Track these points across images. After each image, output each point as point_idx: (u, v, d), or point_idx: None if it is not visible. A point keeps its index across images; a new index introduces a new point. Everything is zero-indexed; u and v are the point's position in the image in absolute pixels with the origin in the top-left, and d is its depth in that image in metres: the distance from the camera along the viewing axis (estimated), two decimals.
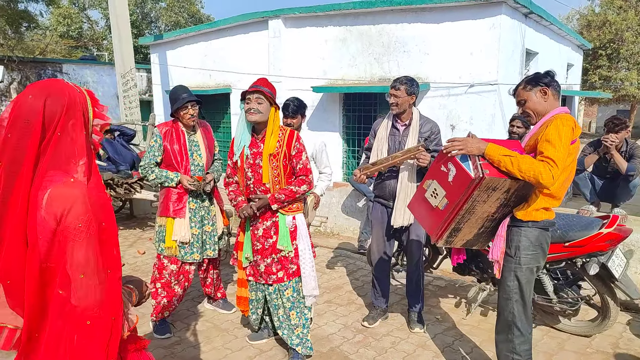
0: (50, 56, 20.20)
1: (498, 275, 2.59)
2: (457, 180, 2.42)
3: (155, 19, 28.73)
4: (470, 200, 2.39)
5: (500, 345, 2.67)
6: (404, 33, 6.71)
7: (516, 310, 2.57)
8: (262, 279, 3.13)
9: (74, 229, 1.23)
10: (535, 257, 2.55)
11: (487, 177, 2.31)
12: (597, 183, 5.42)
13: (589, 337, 3.57)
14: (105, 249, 1.29)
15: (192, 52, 9.20)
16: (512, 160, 2.31)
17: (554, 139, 2.31)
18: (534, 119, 2.57)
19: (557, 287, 3.57)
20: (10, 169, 1.25)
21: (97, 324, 1.26)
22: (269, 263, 3.10)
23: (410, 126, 3.52)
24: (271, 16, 7.72)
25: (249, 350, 3.38)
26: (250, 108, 2.90)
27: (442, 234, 2.57)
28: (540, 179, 2.25)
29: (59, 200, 1.23)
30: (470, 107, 6.28)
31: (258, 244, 3.11)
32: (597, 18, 20.73)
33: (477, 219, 2.52)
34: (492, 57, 6.08)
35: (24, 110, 1.26)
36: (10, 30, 16.23)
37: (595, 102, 24.71)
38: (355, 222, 6.82)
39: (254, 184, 3.04)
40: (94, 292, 1.25)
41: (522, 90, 2.57)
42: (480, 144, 2.42)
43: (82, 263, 1.23)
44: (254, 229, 3.11)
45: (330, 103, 7.48)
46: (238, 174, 3.14)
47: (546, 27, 7.76)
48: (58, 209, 1.22)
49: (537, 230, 2.52)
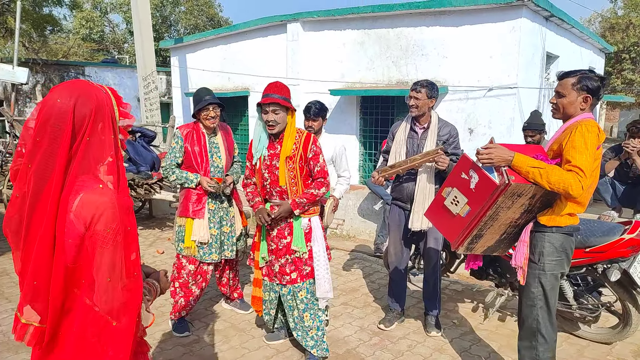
0: (73, 59, 20.64)
1: (522, 282, 2.55)
2: (480, 187, 2.39)
3: (174, 23, 29.13)
4: (494, 207, 2.36)
5: (523, 351, 2.63)
6: (422, 36, 6.70)
7: (541, 317, 2.53)
8: (276, 279, 3.18)
9: (102, 235, 1.25)
10: (560, 263, 2.51)
11: (512, 183, 2.27)
12: (619, 188, 5.33)
13: (609, 344, 3.51)
14: (130, 252, 1.31)
15: (212, 55, 9.31)
16: (540, 172, 2.26)
17: (580, 146, 2.27)
18: (558, 115, 2.52)
19: (577, 293, 3.52)
20: (40, 173, 1.26)
21: (123, 325, 1.29)
22: (282, 263, 3.13)
23: (428, 129, 3.52)
24: (290, 20, 7.78)
25: (266, 350, 3.41)
26: (268, 121, 2.94)
27: (463, 241, 2.55)
28: (570, 191, 2.22)
29: (90, 207, 1.25)
30: (489, 111, 6.23)
31: (272, 244, 3.15)
32: (621, 20, 20.35)
33: (500, 225, 2.49)
34: (511, 60, 6.03)
35: (53, 114, 1.26)
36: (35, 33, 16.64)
37: (617, 106, 24.23)
38: (371, 225, 6.81)
39: (270, 185, 3.08)
40: (119, 296, 1.28)
41: (571, 86, 2.43)
42: (506, 155, 2.35)
43: (109, 268, 1.26)
44: (269, 229, 3.16)
45: (348, 106, 7.50)
46: (256, 176, 3.17)
47: (567, 31, 7.66)
48: (88, 215, 1.25)
49: (561, 236, 2.49)
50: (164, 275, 1.65)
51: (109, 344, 1.29)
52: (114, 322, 1.28)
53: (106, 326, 1.29)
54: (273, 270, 3.19)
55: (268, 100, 2.92)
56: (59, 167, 1.26)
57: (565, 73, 2.50)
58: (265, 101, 2.93)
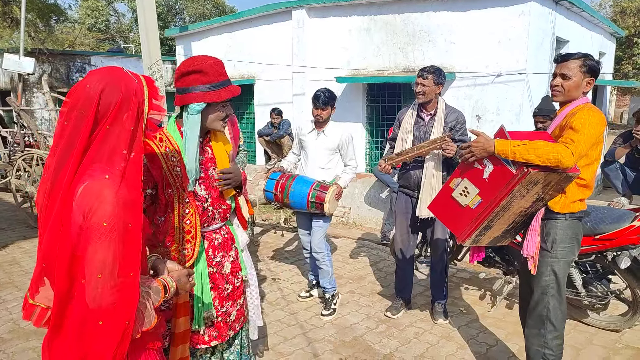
0: (79, 49, 20.64)
1: (534, 271, 2.50)
2: (495, 176, 2.33)
3: (180, 11, 29.00)
4: (509, 197, 2.30)
5: (531, 339, 2.61)
6: (429, 22, 6.60)
7: (551, 305, 2.51)
8: (231, 332, 2.22)
9: (97, 228, 1.20)
10: (572, 249, 2.50)
11: (531, 171, 2.20)
12: (629, 175, 5.26)
13: (618, 332, 3.49)
14: (128, 250, 1.25)
15: (217, 43, 9.26)
16: (527, 148, 2.19)
17: (577, 126, 2.25)
18: (561, 97, 2.46)
19: (586, 280, 3.50)
20: (60, 158, 1.26)
21: (109, 325, 1.23)
22: (241, 304, 2.28)
23: (435, 116, 3.48)
24: (295, 6, 7.69)
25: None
26: (226, 116, 2.05)
27: (471, 233, 2.48)
28: (561, 158, 2.15)
29: (88, 197, 1.21)
30: (497, 97, 6.15)
31: (228, 286, 2.19)
32: (632, 4, 19.96)
33: (511, 215, 2.44)
34: (520, 45, 5.92)
35: (80, 99, 1.25)
36: (40, 23, 16.62)
37: (627, 92, 23.89)
38: (378, 213, 6.79)
39: (212, 204, 2.10)
40: (108, 295, 1.21)
41: (578, 67, 2.39)
42: (485, 145, 2.31)
43: (101, 264, 1.20)
44: (218, 267, 2.14)
45: (354, 93, 7.44)
46: (183, 206, 2.00)
47: (577, 15, 7.51)
48: (86, 205, 1.21)
49: (574, 222, 2.48)
50: (185, 276, 1.55)
51: (95, 341, 1.25)
52: (100, 320, 1.22)
53: (95, 324, 1.24)
54: (228, 323, 2.19)
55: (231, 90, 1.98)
56: (76, 153, 1.24)
57: (567, 55, 2.46)
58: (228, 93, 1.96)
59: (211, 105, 1.93)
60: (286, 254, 5.43)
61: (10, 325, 3.63)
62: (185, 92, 1.91)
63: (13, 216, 7.08)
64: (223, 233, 2.17)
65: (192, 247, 2.01)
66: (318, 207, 3.58)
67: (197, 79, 1.87)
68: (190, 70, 1.89)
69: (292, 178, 3.69)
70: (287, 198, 3.66)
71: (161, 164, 1.93)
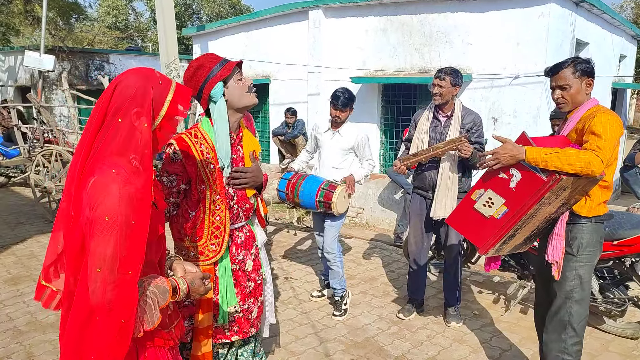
0: (98, 47, 20.94)
1: (557, 277, 2.44)
2: (523, 185, 2.27)
3: (197, 11, 29.24)
4: (538, 204, 2.25)
5: (551, 345, 2.55)
6: (446, 23, 6.55)
7: (574, 310, 2.46)
8: (253, 329, 2.25)
9: (100, 222, 1.20)
10: (596, 252, 2.48)
11: (564, 177, 2.16)
12: None
13: (635, 339, 3.43)
14: (129, 248, 1.24)
15: (233, 43, 9.31)
16: (559, 157, 2.16)
17: (599, 130, 2.22)
18: (568, 107, 2.45)
19: (603, 286, 3.44)
20: (78, 149, 1.32)
21: (104, 322, 1.22)
22: (262, 301, 2.33)
23: (452, 117, 3.45)
24: (311, 6, 7.70)
25: None
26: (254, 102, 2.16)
27: (495, 243, 2.42)
28: (592, 167, 2.13)
29: (95, 190, 1.22)
30: (515, 100, 6.08)
31: (250, 283, 2.22)
32: None
33: (535, 222, 2.39)
34: (539, 47, 5.85)
35: (103, 95, 1.31)
36: (61, 21, 16.91)
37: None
38: (391, 214, 6.77)
39: (237, 203, 2.14)
40: (105, 291, 1.20)
41: (572, 75, 2.39)
42: (514, 151, 2.24)
43: (101, 258, 1.20)
44: (241, 265, 2.18)
45: (369, 94, 7.42)
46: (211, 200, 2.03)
47: (598, 17, 7.39)
48: (92, 199, 1.22)
49: (599, 225, 2.46)
50: (199, 279, 1.52)
51: (92, 336, 1.24)
52: (97, 315, 1.22)
53: (92, 318, 1.24)
54: (249, 320, 2.22)
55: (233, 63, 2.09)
56: (87, 145, 1.29)
57: (555, 66, 2.45)
58: (233, 62, 2.08)
59: (229, 83, 2.01)
60: (299, 254, 5.44)
61: (28, 318, 3.69)
62: (202, 88, 1.99)
63: (32, 210, 7.22)
64: (245, 231, 2.21)
65: (219, 243, 2.05)
66: (326, 207, 3.57)
67: (202, 73, 1.98)
68: (193, 70, 1.99)
69: (303, 177, 3.70)
70: (297, 197, 3.67)
71: (196, 160, 1.98)
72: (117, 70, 14.83)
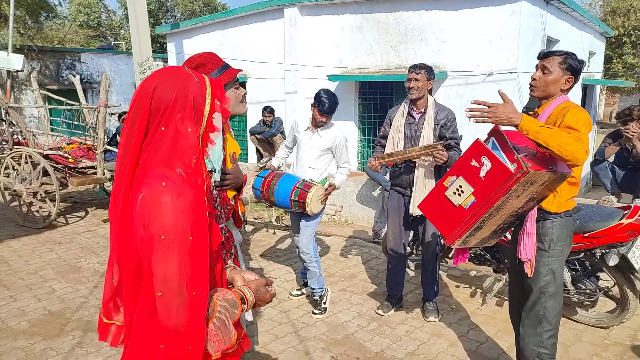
0: (69, 45, 20.43)
1: (530, 274, 2.47)
2: (492, 175, 2.21)
3: (171, 8, 28.81)
4: (505, 197, 2.21)
5: (527, 339, 2.59)
6: (421, 20, 6.61)
7: (549, 304, 2.50)
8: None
9: (157, 241, 1.08)
10: (568, 246, 2.53)
11: (531, 170, 2.11)
12: (618, 173, 5.32)
13: (606, 328, 3.53)
14: (193, 266, 1.12)
15: (209, 41, 9.21)
16: (551, 133, 2.10)
17: (574, 125, 2.24)
18: (537, 92, 2.46)
19: (574, 278, 3.53)
20: (120, 161, 1.19)
21: (168, 350, 1.11)
22: None
23: (425, 114, 3.49)
24: (287, 4, 7.67)
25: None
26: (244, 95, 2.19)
27: (461, 234, 2.39)
28: (577, 155, 2.10)
29: (146, 207, 1.11)
30: (489, 96, 6.13)
31: None
32: (621, 4, 20.14)
33: (502, 216, 2.38)
34: (511, 44, 5.96)
35: (137, 99, 1.18)
36: (29, 19, 16.43)
37: (617, 91, 24.12)
38: (370, 212, 6.81)
39: (220, 204, 2.14)
40: (170, 317, 1.09)
41: (558, 64, 2.39)
42: (513, 114, 2.18)
43: (160, 280, 1.09)
44: None
45: (346, 92, 7.44)
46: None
47: (568, 14, 7.57)
48: (144, 216, 1.10)
49: (569, 219, 2.50)
50: (263, 286, 1.41)
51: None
52: (160, 344, 1.11)
53: (157, 345, 1.13)
54: None
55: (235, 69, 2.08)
56: (132, 157, 1.17)
57: (550, 51, 2.46)
58: (236, 70, 2.07)
59: (226, 90, 1.96)
60: (278, 252, 5.43)
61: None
62: None
63: (1, 214, 7.01)
64: (224, 232, 2.19)
65: None
66: (300, 206, 3.56)
67: (202, 72, 1.90)
68: (193, 67, 1.91)
69: (278, 176, 3.68)
70: (272, 195, 3.65)
71: None
72: (89, 70, 14.50)
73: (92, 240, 5.78)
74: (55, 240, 5.78)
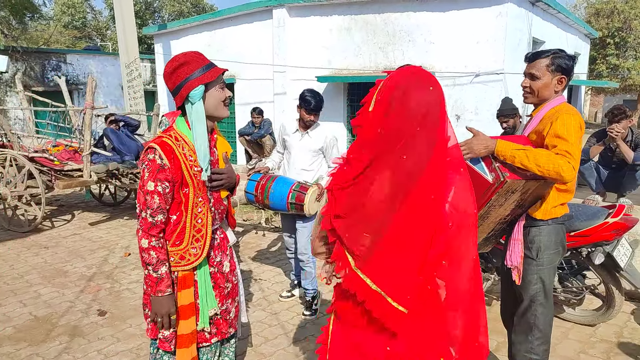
0: (55, 46, 20.19)
1: (518, 282, 2.42)
2: (473, 186, 2.25)
3: (158, 9, 28.61)
4: (486, 206, 2.20)
5: (518, 345, 2.57)
6: (409, 22, 6.65)
7: (539, 312, 2.45)
8: (231, 329, 2.21)
9: (467, 220, 1.42)
10: (557, 253, 2.44)
11: (508, 180, 2.09)
12: (603, 173, 5.39)
13: (593, 326, 3.57)
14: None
15: (196, 42, 9.16)
16: (527, 154, 2.09)
17: (563, 134, 2.16)
18: (531, 99, 2.39)
19: (561, 276, 3.57)
20: (415, 163, 1.35)
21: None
22: (239, 301, 2.29)
23: None
24: (275, 5, 7.67)
25: None
26: (228, 98, 2.07)
27: None
28: (562, 172, 2.06)
29: (461, 195, 1.40)
30: (476, 97, 6.24)
31: (228, 285, 2.18)
32: (605, 6, 20.47)
33: (489, 224, 2.37)
34: (498, 46, 6.02)
35: (421, 103, 1.38)
36: (14, 20, 16.21)
37: (601, 91, 24.48)
38: None
39: (214, 205, 2.09)
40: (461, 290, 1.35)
41: (545, 67, 2.28)
42: (487, 142, 2.18)
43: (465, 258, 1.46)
44: (219, 267, 2.13)
45: (335, 93, 7.45)
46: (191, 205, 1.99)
47: (553, 16, 7.67)
48: (462, 203, 1.40)
49: (558, 227, 2.39)
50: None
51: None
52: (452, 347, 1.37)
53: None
54: (227, 320, 2.17)
55: (220, 68, 2.00)
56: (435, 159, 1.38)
57: (536, 53, 2.34)
58: (220, 70, 1.99)
59: (210, 89, 1.95)
60: (267, 254, 5.41)
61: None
62: (181, 86, 1.92)
63: None
64: (219, 233, 2.18)
65: (201, 246, 2.00)
66: (298, 208, 3.56)
67: (185, 70, 1.91)
68: (177, 65, 1.91)
69: (272, 179, 3.67)
70: (267, 199, 3.64)
71: (180, 164, 1.92)
72: (75, 71, 14.35)
73: (79, 244, 5.71)
74: (41, 244, 5.70)
